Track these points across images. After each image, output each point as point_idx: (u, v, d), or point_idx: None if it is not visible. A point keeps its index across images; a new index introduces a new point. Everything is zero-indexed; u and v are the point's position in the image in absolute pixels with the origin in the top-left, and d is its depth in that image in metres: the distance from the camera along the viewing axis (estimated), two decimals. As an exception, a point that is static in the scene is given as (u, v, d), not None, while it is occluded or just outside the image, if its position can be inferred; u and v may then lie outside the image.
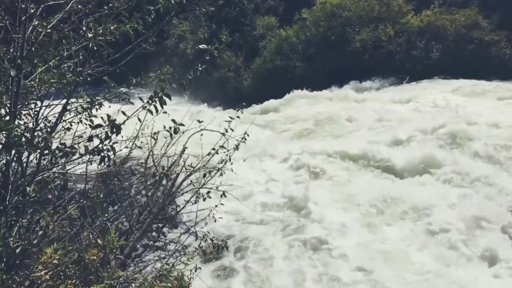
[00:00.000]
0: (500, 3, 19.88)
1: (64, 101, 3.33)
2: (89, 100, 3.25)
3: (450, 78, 17.85)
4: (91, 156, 3.12)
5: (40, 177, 3.26)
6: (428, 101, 15.44)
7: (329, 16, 21.19)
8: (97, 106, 3.33)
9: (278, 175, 10.42)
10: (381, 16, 20.95)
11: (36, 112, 3.40)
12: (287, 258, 7.37)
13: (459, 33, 19.38)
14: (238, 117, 4.79)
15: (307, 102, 17.75)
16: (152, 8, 3.38)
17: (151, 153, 4.46)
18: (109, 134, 3.00)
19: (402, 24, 20.68)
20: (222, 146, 4.73)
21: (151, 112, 3.25)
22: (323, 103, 17.29)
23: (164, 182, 4.41)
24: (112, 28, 3.21)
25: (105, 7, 3.33)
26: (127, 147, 4.19)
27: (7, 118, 2.87)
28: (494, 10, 19.78)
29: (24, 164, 3.08)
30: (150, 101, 3.22)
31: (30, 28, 3.04)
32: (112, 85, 3.46)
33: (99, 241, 2.45)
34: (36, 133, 2.93)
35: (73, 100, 3.38)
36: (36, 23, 3.08)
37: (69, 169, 3.54)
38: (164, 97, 3.24)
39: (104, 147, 3.10)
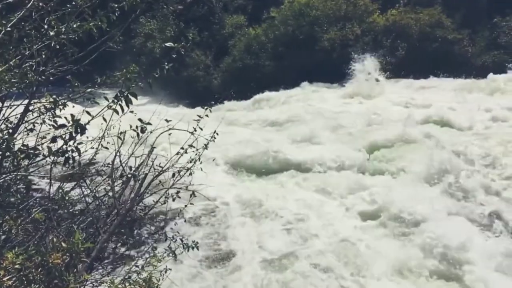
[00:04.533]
0: (462, 3, 20.50)
1: (26, 101, 3.23)
2: (52, 100, 3.17)
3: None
4: (55, 157, 3.04)
5: (2, 180, 3.17)
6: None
7: (298, 15, 21.37)
8: (60, 106, 3.24)
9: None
10: (348, 15, 21.28)
11: (-4, 113, 3.29)
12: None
13: (423, 32, 19.89)
14: (207, 115, 4.75)
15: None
16: (116, 5, 3.31)
17: (118, 154, 4.38)
18: (74, 135, 2.93)
19: (368, 23, 21.07)
20: (191, 145, 4.67)
21: (117, 112, 3.19)
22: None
23: (132, 182, 4.33)
24: (75, 26, 3.13)
25: (68, 5, 3.24)
26: (93, 148, 4.10)
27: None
28: (456, 10, 20.39)
29: (-15, 167, 2.98)
30: (116, 100, 3.16)
31: (-11, 27, 2.94)
32: (76, 84, 3.38)
33: (63, 244, 2.39)
34: (-4, 135, 2.84)
35: (35, 100, 3.28)
36: (-5, 21, 2.98)
37: (33, 171, 3.44)
38: (130, 96, 3.19)
39: (69, 148, 3.02)
